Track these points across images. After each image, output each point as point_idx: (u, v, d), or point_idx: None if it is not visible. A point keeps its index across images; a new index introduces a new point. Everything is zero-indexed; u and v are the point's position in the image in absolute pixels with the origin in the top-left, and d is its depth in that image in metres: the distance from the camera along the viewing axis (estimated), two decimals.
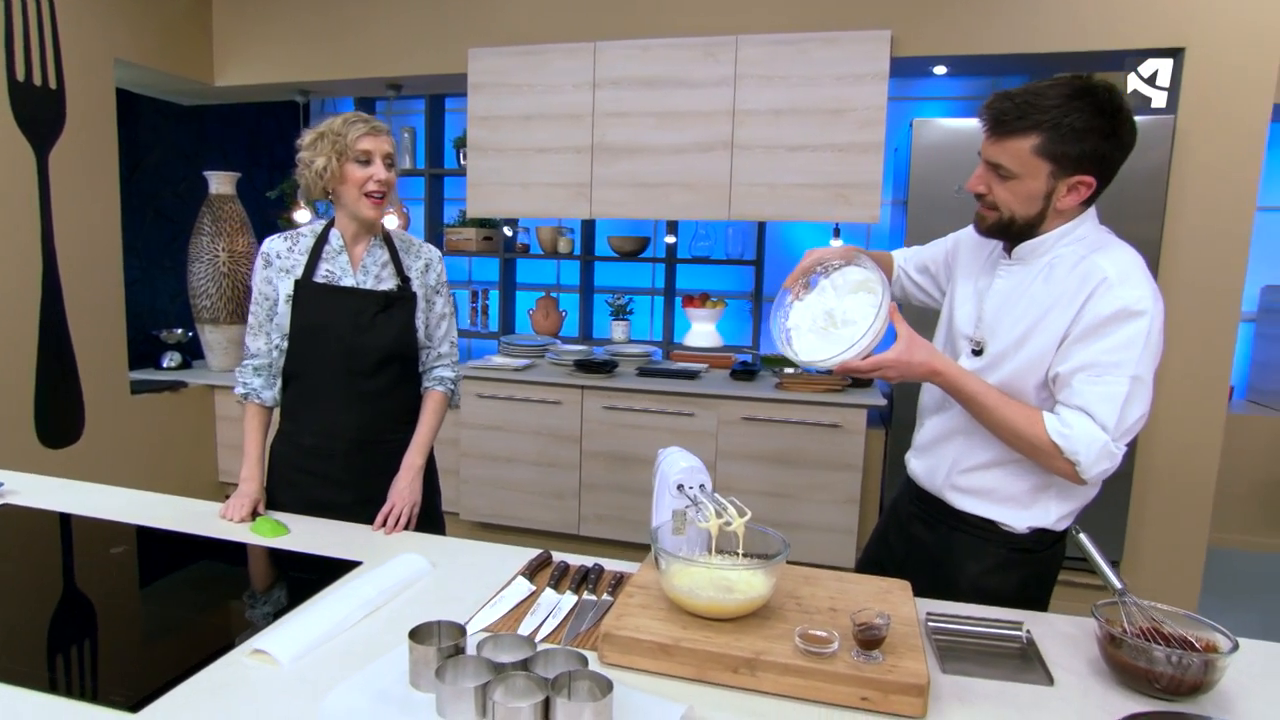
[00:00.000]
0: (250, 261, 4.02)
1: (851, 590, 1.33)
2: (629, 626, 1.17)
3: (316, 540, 1.61)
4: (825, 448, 3.22)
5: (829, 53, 3.15)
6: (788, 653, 1.11)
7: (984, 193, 1.38)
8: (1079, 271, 1.33)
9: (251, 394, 1.82)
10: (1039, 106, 1.27)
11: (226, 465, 3.98)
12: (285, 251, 1.78)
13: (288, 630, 1.18)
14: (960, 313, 1.51)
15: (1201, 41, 2.90)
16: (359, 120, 1.68)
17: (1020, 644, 1.28)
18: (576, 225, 4.42)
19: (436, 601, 1.36)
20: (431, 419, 1.86)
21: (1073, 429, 1.29)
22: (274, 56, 3.90)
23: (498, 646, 1.03)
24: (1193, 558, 3.07)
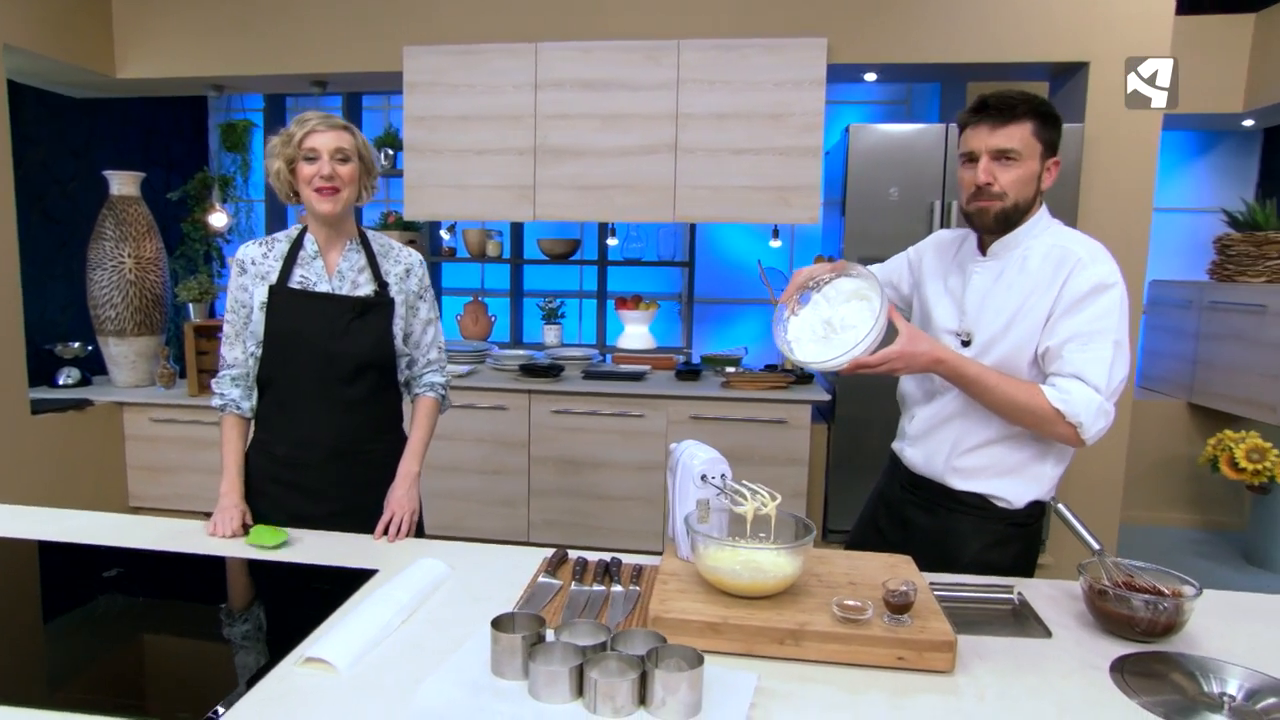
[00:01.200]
0: (159, 268, 3.86)
1: (862, 566, 1.48)
2: (675, 609, 1.28)
3: (321, 552, 1.63)
4: (772, 444, 3.41)
5: (769, 59, 3.35)
6: (827, 622, 1.24)
7: (990, 182, 1.53)
8: (1052, 257, 1.54)
9: (230, 405, 1.82)
10: (1025, 98, 1.51)
11: (138, 489, 3.80)
12: (260, 257, 1.78)
13: (338, 637, 1.22)
14: (938, 312, 1.69)
15: (1103, 57, 3.27)
16: (310, 118, 1.71)
17: (1013, 605, 1.47)
18: (505, 228, 4.47)
19: (468, 601, 1.42)
20: (425, 425, 1.89)
21: (1070, 394, 1.48)
22: (184, 48, 3.76)
23: (575, 632, 1.11)
24: (1108, 534, 3.44)
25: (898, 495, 1.79)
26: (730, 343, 4.59)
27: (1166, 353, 4.60)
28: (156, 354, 3.90)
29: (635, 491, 3.50)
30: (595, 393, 3.48)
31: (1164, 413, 4.43)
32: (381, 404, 1.87)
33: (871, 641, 1.22)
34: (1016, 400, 1.52)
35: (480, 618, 1.35)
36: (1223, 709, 1.13)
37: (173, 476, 3.77)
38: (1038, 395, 1.51)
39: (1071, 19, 3.27)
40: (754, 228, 4.41)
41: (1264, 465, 3.77)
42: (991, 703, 1.13)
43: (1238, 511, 4.37)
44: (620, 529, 3.52)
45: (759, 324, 4.57)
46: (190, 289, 3.75)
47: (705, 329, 4.65)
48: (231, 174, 4.52)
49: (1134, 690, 1.17)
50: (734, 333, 4.64)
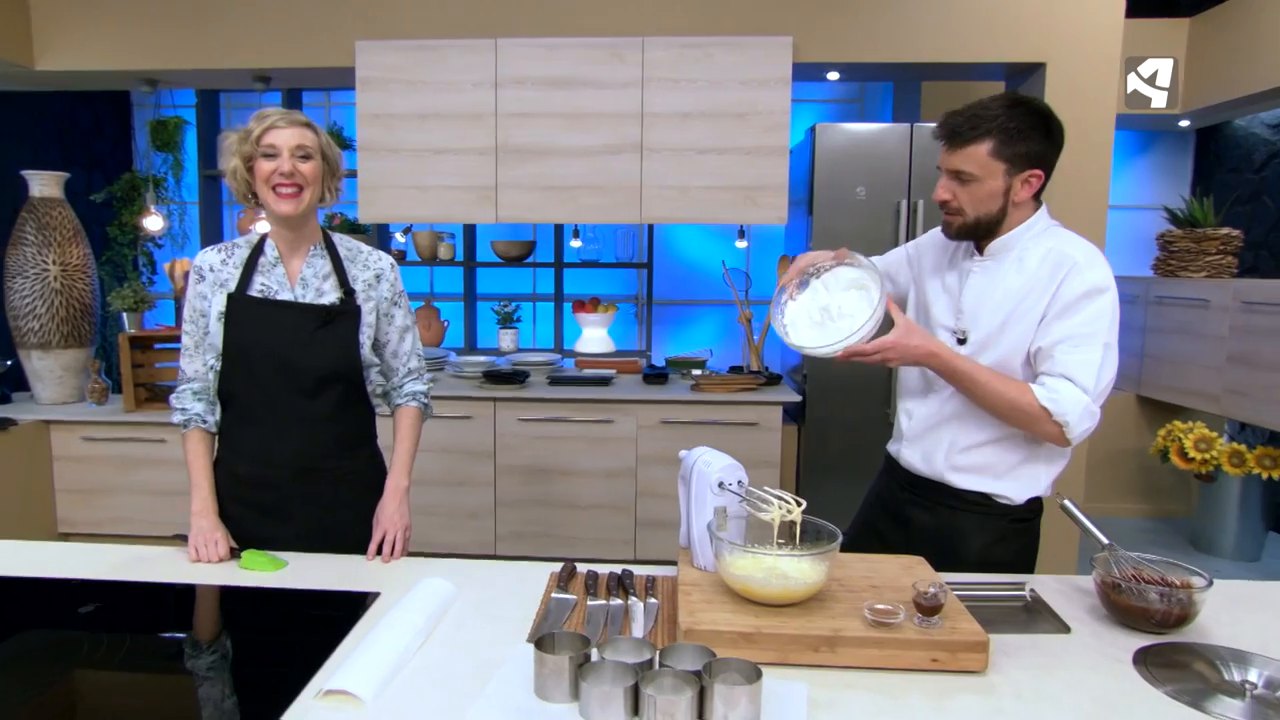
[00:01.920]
0: (87, 275, 3.67)
1: (880, 569, 1.51)
2: (706, 621, 1.27)
3: (313, 576, 1.58)
4: (743, 446, 3.44)
5: (734, 57, 3.38)
6: (861, 627, 1.26)
7: (949, 199, 1.60)
8: (1049, 260, 1.59)
9: (194, 420, 1.74)
10: (985, 117, 1.54)
11: (67, 513, 3.60)
12: (219, 264, 1.70)
13: (356, 666, 1.18)
14: (935, 309, 1.74)
15: (1059, 58, 3.40)
16: (270, 114, 1.64)
17: (1025, 601, 1.51)
18: (458, 230, 4.40)
19: (483, 621, 1.40)
20: (411, 436, 1.84)
21: (1059, 394, 1.54)
22: (113, 38, 3.58)
23: (617, 650, 1.10)
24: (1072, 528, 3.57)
25: (896, 496, 1.82)
26: (689, 344, 4.62)
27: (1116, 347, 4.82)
28: (86, 367, 3.71)
29: (605, 499, 3.49)
30: (562, 399, 3.45)
31: (1114, 406, 4.64)
32: (349, 418, 1.80)
33: (906, 645, 1.24)
34: (1006, 396, 1.57)
35: (499, 638, 1.33)
36: (1245, 696, 1.19)
37: (106, 499, 3.59)
38: (1027, 393, 1.56)
39: (1028, 20, 3.40)
40: (712, 228, 4.45)
41: (1211, 454, 3.98)
42: (1029, 700, 1.17)
43: (1185, 500, 4.60)
44: (591, 538, 3.50)
45: (718, 325, 4.62)
46: (125, 297, 3.58)
47: (663, 331, 4.67)
48: (163, 175, 4.33)
49: (1159, 680, 1.22)
50: (693, 334, 4.67)
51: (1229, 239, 4.25)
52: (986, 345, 1.63)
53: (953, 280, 1.72)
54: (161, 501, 3.52)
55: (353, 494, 1.79)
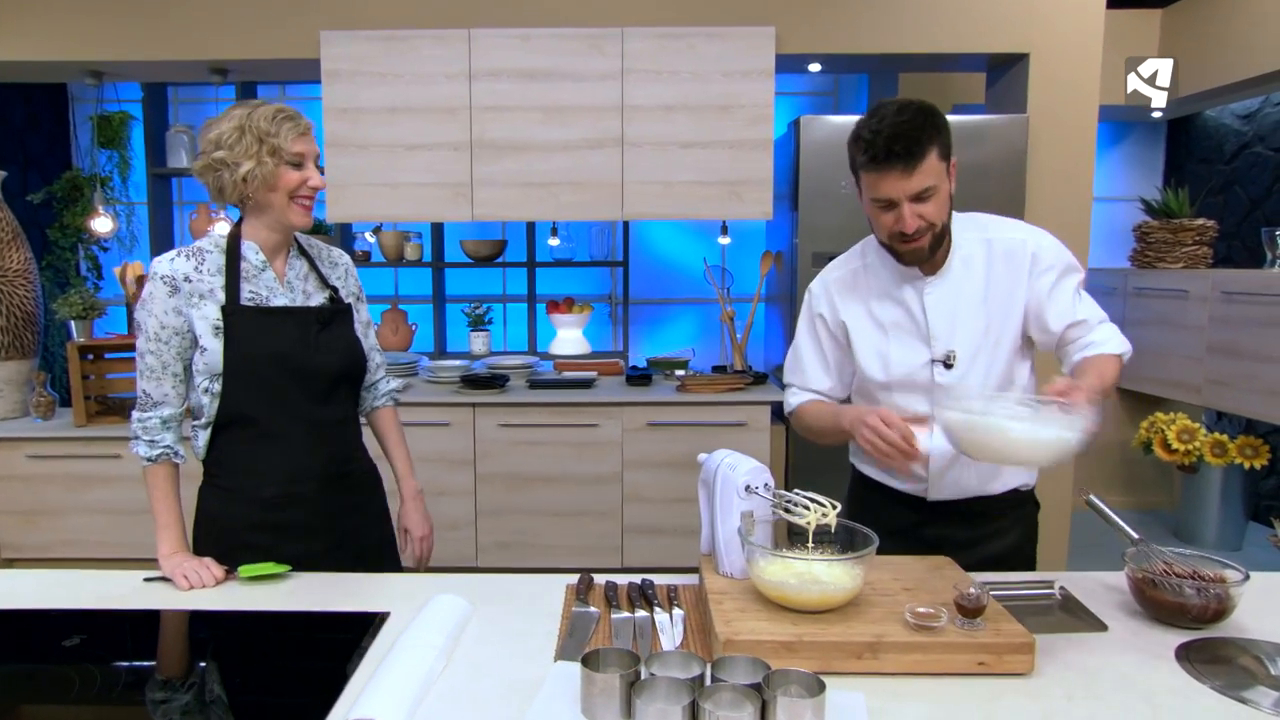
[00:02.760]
0: (29, 282, 3.52)
1: (908, 571, 1.50)
2: (745, 630, 1.26)
3: (316, 596, 1.53)
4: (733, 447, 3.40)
5: (716, 48, 3.37)
6: (903, 632, 1.25)
7: (920, 225, 1.51)
8: (997, 252, 1.62)
9: (166, 454, 1.63)
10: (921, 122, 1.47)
11: (11, 537, 3.45)
12: (193, 273, 1.59)
13: (380, 691, 1.14)
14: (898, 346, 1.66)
15: (1042, 48, 3.46)
16: (285, 117, 1.57)
17: (1056, 599, 1.52)
18: (425, 229, 4.32)
19: (505, 638, 1.36)
20: (403, 437, 1.89)
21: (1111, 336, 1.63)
22: (53, 27, 3.44)
23: (664, 665, 1.07)
24: (1060, 521, 3.64)
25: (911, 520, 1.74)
26: (667, 344, 4.60)
27: None
28: (30, 380, 3.56)
29: (591, 506, 3.45)
30: (544, 403, 3.41)
31: None
32: (354, 419, 1.81)
33: (950, 649, 1.23)
34: (1112, 374, 1.59)
35: (525, 655, 1.30)
36: None
37: (54, 520, 3.45)
38: (1114, 360, 1.61)
39: (1011, 11, 3.45)
40: (689, 225, 4.43)
41: (1193, 445, 4.09)
42: (1080, 700, 1.17)
43: (1168, 491, 4.72)
44: (577, 546, 3.47)
45: (696, 324, 4.60)
46: (72, 304, 3.45)
47: (639, 331, 4.64)
48: (108, 173, 4.18)
49: (1204, 676, 1.23)
50: (669, 334, 4.65)
51: (1204, 230, 4.37)
52: (977, 356, 1.63)
53: (899, 315, 1.65)
54: (116, 522, 3.39)
55: (362, 496, 1.79)
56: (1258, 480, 4.23)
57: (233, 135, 1.56)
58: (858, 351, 1.71)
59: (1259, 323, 3.67)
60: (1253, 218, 4.47)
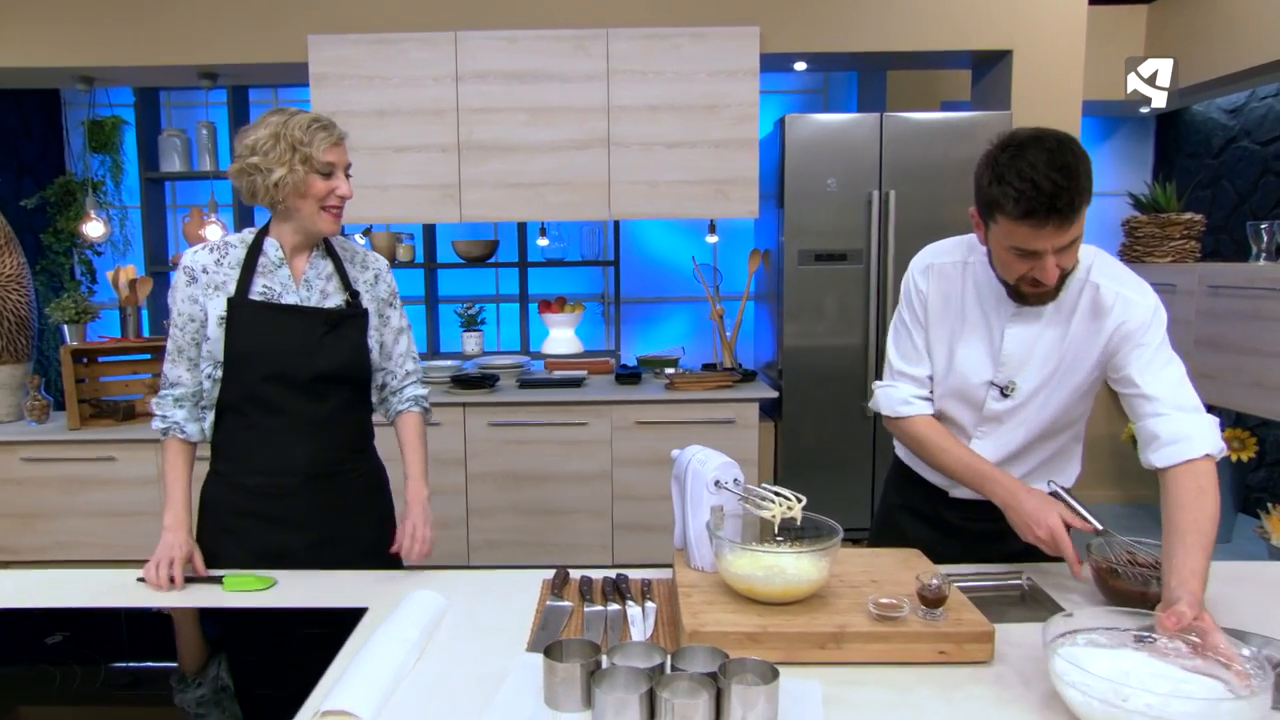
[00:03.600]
0: (23, 286, 3.56)
1: (876, 563, 1.53)
2: (710, 622, 1.29)
3: (300, 593, 1.56)
4: (721, 444, 3.40)
5: (701, 48, 3.40)
6: (866, 622, 1.28)
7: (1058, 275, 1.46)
8: (1088, 297, 1.54)
9: (174, 429, 1.71)
10: (1079, 184, 1.38)
11: (8, 540, 3.48)
12: (213, 265, 1.67)
13: (351, 684, 1.17)
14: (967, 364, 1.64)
15: (1025, 45, 3.49)
16: (320, 127, 1.61)
17: (1023, 590, 1.55)
18: (418, 230, 4.36)
19: (479, 631, 1.39)
20: (422, 444, 1.84)
21: (1192, 434, 1.44)
22: (47, 33, 3.48)
23: (626, 655, 1.10)
24: None
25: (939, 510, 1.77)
26: (659, 343, 4.63)
27: None
28: (24, 384, 3.60)
29: (582, 504, 3.49)
30: (533, 402, 3.44)
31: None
32: (355, 420, 1.82)
33: (912, 638, 1.26)
34: (1211, 508, 1.42)
35: (497, 649, 1.33)
36: None
37: (51, 523, 3.48)
38: (1199, 474, 1.43)
39: (994, 7, 3.48)
40: (679, 224, 4.46)
41: None
42: (1037, 686, 1.20)
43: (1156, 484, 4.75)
44: (568, 544, 3.50)
45: (688, 323, 4.63)
46: (65, 308, 3.48)
47: (631, 330, 4.67)
48: (101, 178, 4.21)
49: None
50: (662, 332, 4.68)
51: (1192, 224, 4.39)
52: (1037, 394, 1.60)
53: (981, 330, 1.63)
54: (111, 524, 3.43)
55: (360, 497, 1.80)
56: (1246, 473, 4.26)
57: (268, 142, 1.60)
58: (930, 340, 1.68)
59: (1245, 316, 3.69)
60: (1240, 211, 4.49)
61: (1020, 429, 1.64)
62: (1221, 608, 1.44)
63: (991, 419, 1.66)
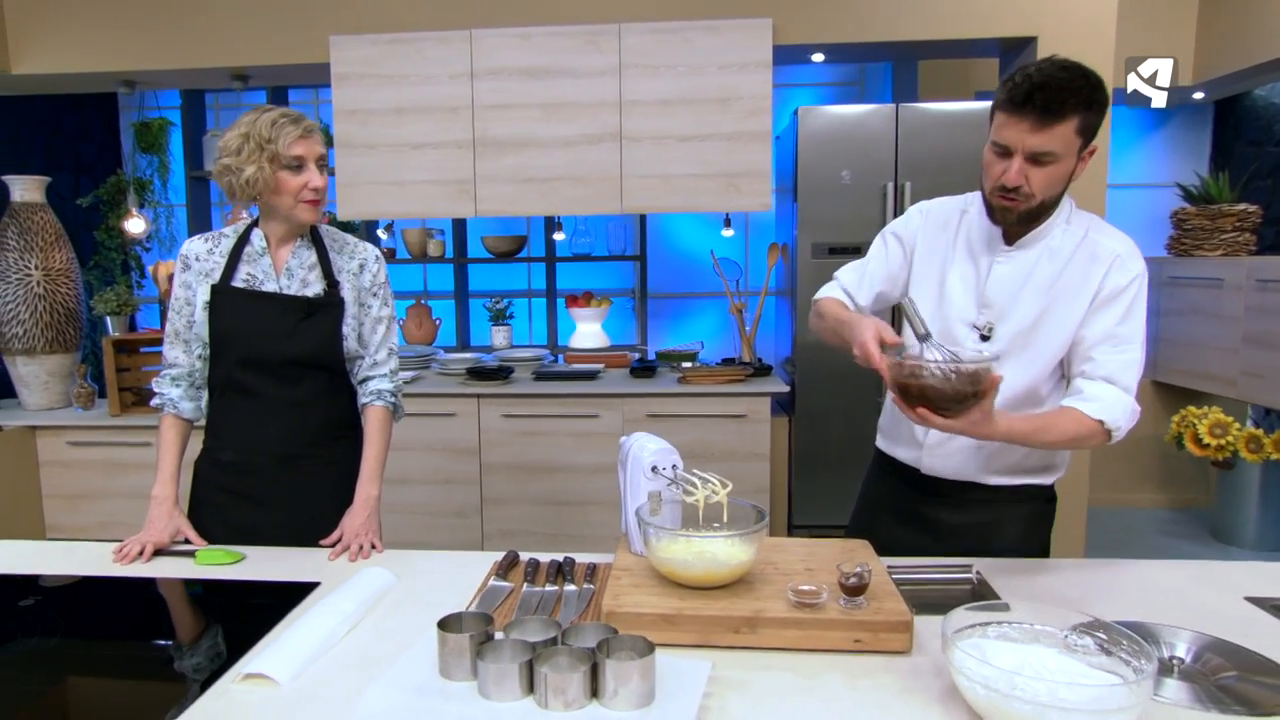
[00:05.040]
0: (71, 280, 3.78)
1: (819, 552, 1.53)
2: (629, 603, 1.31)
3: (265, 567, 1.64)
4: (732, 439, 3.47)
5: (712, 41, 3.41)
6: (783, 608, 1.29)
7: (1022, 185, 1.47)
8: (1086, 251, 1.55)
9: (168, 404, 1.82)
10: (1074, 89, 1.40)
11: (55, 519, 3.72)
12: (205, 254, 1.79)
13: (277, 650, 1.23)
14: (949, 302, 1.66)
15: (1051, 31, 3.39)
16: (288, 121, 1.68)
17: (972, 584, 1.53)
18: (447, 226, 4.46)
19: (415, 609, 1.44)
20: (379, 440, 1.84)
21: (1104, 400, 1.50)
22: (89, 40, 3.69)
23: (524, 630, 1.14)
24: (1077, 516, 3.56)
25: (910, 498, 1.76)
26: (688, 338, 4.65)
27: None
28: (72, 372, 3.82)
29: (593, 495, 3.53)
30: (547, 394, 3.50)
31: None
32: (332, 407, 1.87)
33: (827, 625, 1.27)
34: (1069, 434, 1.51)
35: (429, 624, 1.37)
36: (1173, 672, 1.21)
37: (94, 504, 3.70)
38: (1081, 419, 1.50)
39: None
40: (706, 218, 4.47)
41: (1227, 440, 3.94)
42: (948, 678, 1.19)
43: (1205, 488, 4.55)
44: (579, 534, 3.55)
45: (718, 317, 4.64)
46: (108, 301, 3.69)
47: (661, 325, 4.70)
48: (149, 177, 4.44)
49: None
50: (691, 327, 4.69)
51: (1246, 215, 4.20)
52: (1016, 341, 1.59)
53: (968, 270, 1.64)
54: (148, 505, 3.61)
55: (334, 483, 1.84)
56: None
57: (237, 141, 1.70)
58: (914, 283, 1.70)
59: None
60: None
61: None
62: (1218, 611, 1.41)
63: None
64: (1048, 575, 1.57)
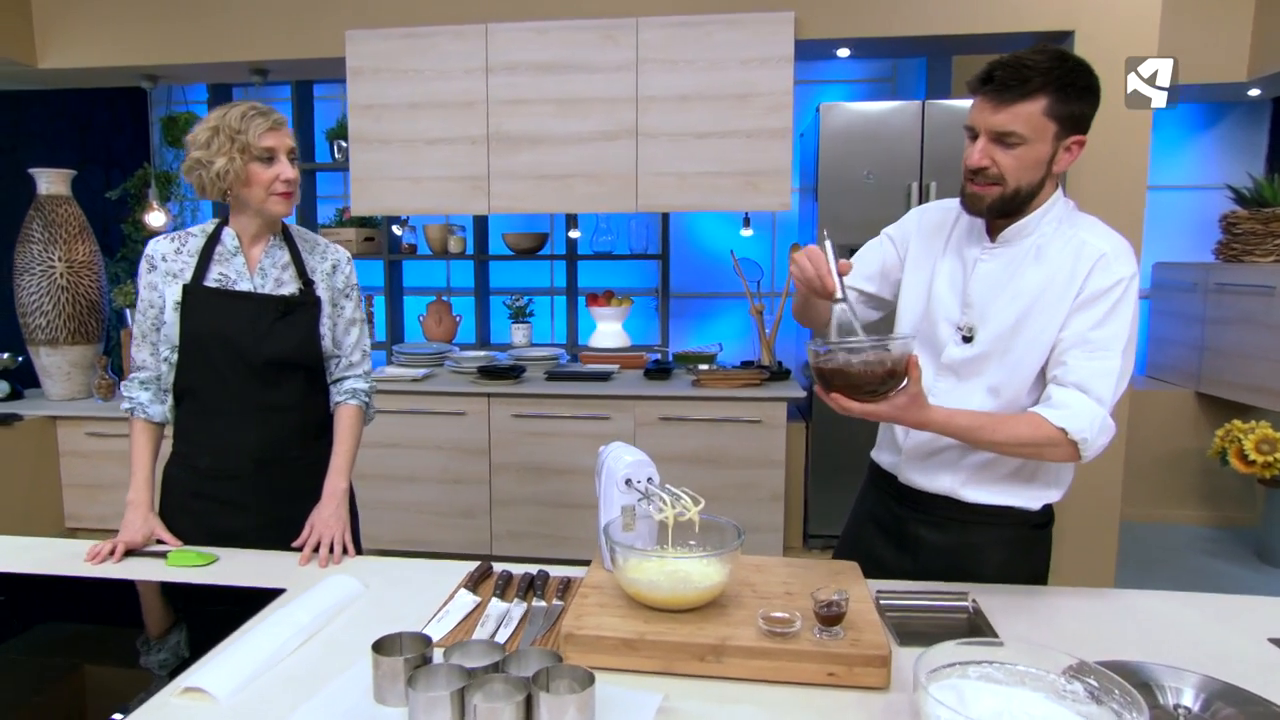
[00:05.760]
0: (94, 272, 3.83)
1: (803, 575, 1.45)
2: (590, 626, 1.24)
3: (231, 572, 1.60)
4: (747, 445, 3.38)
5: (732, 35, 3.32)
6: (752, 636, 1.21)
7: (987, 166, 1.42)
8: (1071, 250, 1.46)
9: (137, 409, 1.79)
10: (1038, 68, 1.36)
11: (75, 508, 3.77)
12: (172, 254, 1.75)
13: (221, 664, 1.19)
14: (936, 300, 1.58)
15: (1090, 24, 3.23)
16: (257, 114, 1.66)
17: (967, 613, 1.43)
18: (468, 222, 4.43)
19: (376, 622, 1.39)
20: (349, 437, 1.84)
21: (1071, 408, 1.39)
22: (113, 35, 3.73)
23: (465, 654, 1.08)
24: (1107, 533, 3.41)
25: (893, 513, 1.68)
26: (711, 338, 4.56)
27: (1173, 339, 4.58)
28: (94, 363, 3.87)
29: None
30: (558, 394, 3.45)
31: (1170, 403, 4.40)
32: (310, 407, 1.85)
33: (799, 657, 1.18)
34: (1019, 434, 1.42)
35: None
36: None
37: (113, 494, 3.73)
38: (1039, 422, 1.41)
39: None
40: (730, 217, 4.38)
41: (1275, 457, 3.74)
42: None
43: (1251, 506, 4.34)
44: (589, 539, 3.48)
45: (739, 319, 4.54)
46: (127, 293, 3.72)
47: (684, 325, 4.62)
48: (175, 171, 4.48)
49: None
50: (714, 328, 4.61)
51: None
52: (997, 344, 1.50)
53: (954, 268, 1.56)
54: None
55: (314, 484, 1.81)
56: None
57: (206, 135, 1.67)
58: (904, 287, 1.64)
59: None
60: None
61: (976, 393, 1.53)
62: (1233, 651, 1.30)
63: (949, 369, 1.56)
64: (1050, 606, 1.47)
